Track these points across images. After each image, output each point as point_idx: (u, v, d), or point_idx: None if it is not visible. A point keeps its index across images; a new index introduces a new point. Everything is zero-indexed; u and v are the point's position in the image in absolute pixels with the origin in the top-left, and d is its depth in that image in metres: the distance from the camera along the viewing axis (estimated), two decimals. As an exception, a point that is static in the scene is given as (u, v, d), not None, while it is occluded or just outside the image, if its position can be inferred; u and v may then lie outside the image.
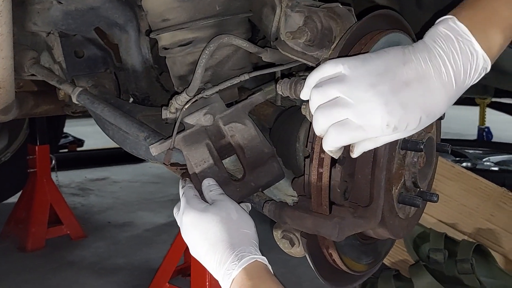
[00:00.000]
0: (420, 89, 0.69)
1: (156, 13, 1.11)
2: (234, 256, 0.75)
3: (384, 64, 0.70)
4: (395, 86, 0.69)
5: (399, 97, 0.68)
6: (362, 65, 0.70)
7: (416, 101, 0.68)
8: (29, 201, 3.19)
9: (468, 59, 0.69)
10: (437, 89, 0.69)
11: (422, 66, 0.69)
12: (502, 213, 2.29)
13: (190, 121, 1.00)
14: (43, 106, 1.71)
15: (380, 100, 0.68)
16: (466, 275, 2.06)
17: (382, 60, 0.70)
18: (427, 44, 0.71)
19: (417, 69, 0.69)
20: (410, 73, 0.69)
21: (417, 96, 0.69)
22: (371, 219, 0.88)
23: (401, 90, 0.69)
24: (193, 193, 0.89)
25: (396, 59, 0.70)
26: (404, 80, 0.69)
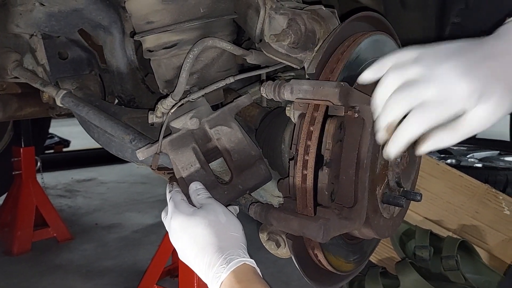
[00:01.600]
0: (504, 61, 0.65)
1: (140, 16, 1.11)
2: (222, 259, 0.76)
3: (459, 45, 0.68)
4: (476, 58, 0.66)
5: (482, 66, 0.65)
6: (436, 49, 0.69)
7: (500, 71, 0.65)
8: (14, 204, 3.14)
9: None
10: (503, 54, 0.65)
11: (503, 44, 0.66)
12: (487, 210, 2.33)
13: (176, 125, 1.00)
14: (27, 108, 1.70)
15: (461, 69, 0.65)
16: (451, 272, 2.09)
17: (456, 44, 0.68)
18: (500, 31, 0.68)
19: (497, 46, 0.66)
20: (490, 49, 0.67)
21: (501, 66, 0.65)
22: (355, 220, 0.89)
23: (483, 61, 0.65)
24: (181, 197, 0.89)
25: (471, 42, 0.68)
26: (484, 54, 0.66)
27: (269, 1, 1.07)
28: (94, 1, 1.26)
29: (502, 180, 2.71)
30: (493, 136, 5.84)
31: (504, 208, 2.29)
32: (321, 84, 0.83)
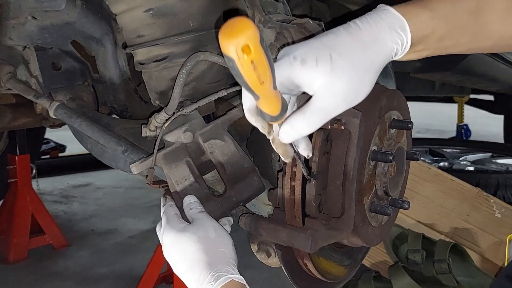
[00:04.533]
0: (324, 35, 0.69)
1: (131, 30, 1.12)
2: (211, 276, 0.77)
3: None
4: (302, 43, 0.69)
5: (302, 42, 0.69)
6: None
7: (320, 40, 0.68)
8: (10, 211, 3.15)
9: (379, 17, 0.70)
10: (344, 36, 0.68)
11: (332, 30, 0.70)
12: (478, 213, 2.35)
13: (170, 138, 1.02)
14: (22, 119, 1.70)
15: (284, 49, 0.69)
16: (443, 275, 2.12)
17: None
18: (358, 22, 0.71)
19: (326, 33, 0.70)
20: (318, 36, 0.70)
21: (320, 38, 0.68)
22: (343, 230, 0.91)
23: (307, 41, 0.69)
24: (173, 212, 0.91)
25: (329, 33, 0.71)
26: (310, 40, 0.69)
27: (257, 14, 1.09)
28: (86, 14, 1.27)
29: (493, 184, 2.74)
30: (488, 136, 5.90)
31: (495, 211, 2.32)
32: (307, 98, 0.85)
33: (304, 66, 0.66)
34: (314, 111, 0.67)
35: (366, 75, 0.68)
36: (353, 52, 0.67)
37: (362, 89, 0.68)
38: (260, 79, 0.59)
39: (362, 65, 0.67)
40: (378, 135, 0.98)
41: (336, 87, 0.65)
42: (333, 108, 0.67)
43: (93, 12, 1.28)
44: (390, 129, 1.03)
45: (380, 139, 1.00)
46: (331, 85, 0.65)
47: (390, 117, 1.02)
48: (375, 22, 0.69)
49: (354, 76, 0.66)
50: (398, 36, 0.70)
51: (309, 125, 0.68)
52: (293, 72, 0.66)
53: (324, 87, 0.66)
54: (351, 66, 0.66)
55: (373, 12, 0.71)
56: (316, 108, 0.67)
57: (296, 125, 0.67)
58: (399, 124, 1.03)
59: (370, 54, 0.68)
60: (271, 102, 0.64)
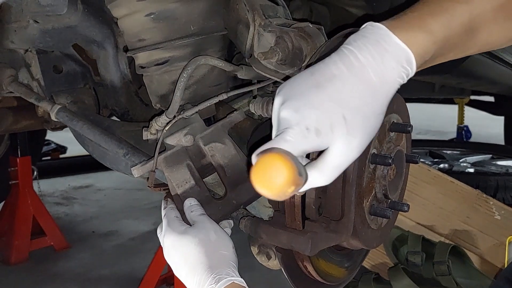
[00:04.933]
0: (331, 87, 0.62)
1: (132, 34, 1.13)
2: (212, 279, 0.78)
3: (292, 85, 0.66)
4: (304, 92, 0.63)
5: (310, 99, 0.62)
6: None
7: (330, 99, 0.62)
8: (11, 213, 3.16)
9: (383, 48, 0.63)
10: (352, 83, 0.62)
11: (332, 68, 0.64)
12: (478, 215, 2.36)
13: (171, 141, 1.02)
14: (23, 122, 1.72)
15: (291, 109, 0.63)
16: (443, 277, 2.12)
17: (290, 84, 0.66)
18: (339, 50, 0.66)
19: (326, 72, 0.64)
20: (318, 78, 0.64)
21: (329, 94, 0.62)
22: (342, 232, 0.92)
23: (310, 93, 0.63)
24: (174, 215, 0.91)
25: (304, 75, 0.66)
26: (311, 85, 0.63)
27: (258, 18, 1.10)
28: (88, 18, 1.28)
29: (493, 186, 2.75)
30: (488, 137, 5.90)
31: (495, 213, 2.32)
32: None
33: (319, 137, 0.62)
34: (331, 168, 0.64)
35: (378, 121, 0.65)
36: (366, 104, 0.63)
37: (374, 132, 0.66)
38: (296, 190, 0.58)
39: (374, 113, 0.64)
40: (378, 138, 0.99)
41: (352, 145, 0.63)
42: (349, 162, 0.65)
43: (94, 16, 1.29)
44: (390, 132, 1.03)
45: (380, 142, 1.00)
46: (347, 146, 0.63)
47: (389, 120, 1.03)
48: (381, 58, 0.63)
49: (369, 129, 0.64)
50: (405, 71, 0.65)
51: (327, 181, 0.66)
52: (309, 145, 0.62)
53: (339, 149, 0.63)
54: (366, 121, 0.63)
55: (375, 41, 0.64)
56: (332, 166, 0.64)
57: (313, 182, 0.65)
58: (398, 127, 1.03)
59: (382, 99, 0.64)
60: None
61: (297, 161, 0.56)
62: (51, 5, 1.14)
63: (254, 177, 0.52)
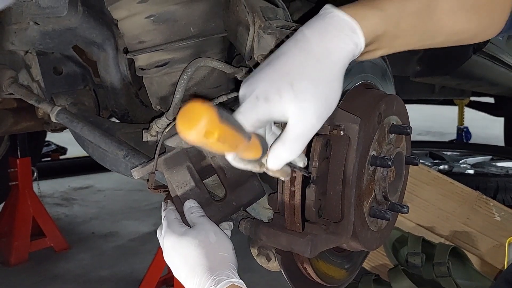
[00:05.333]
0: (279, 62, 0.67)
1: (132, 36, 1.13)
2: (211, 280, 0.78)
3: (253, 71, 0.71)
4: (256, 72, 0.69)
5: (259, 75, 0.68)
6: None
7: (276, 71, 0.67)
8: (11, 214, 3.16)
9: (327, 22, 0.68)
10: (297, 55, 0.67)
11: (282, 48, 0.69)
12: (478, 216, 2.36)
13: (171, 143, 1.02)
14: (23, 123, 1.72)
15: (244, 86, 0.69)
16: (443, 278, 2.12)
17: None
18: (303, 28, 0.71)
19: (277, 52, 0.69)
20: (269, 58, 0.69)
21: (276, 67, 0.67)
22: (342, 234, 0.92)
23: (261, 69, 0.68)
24: (174, 216, 0.91)
25: (263, 61, 0.72)
26: (264, 65, 0.69)
27: (258, 20, 1.10)
28: (88, 20, 1.28)
29: (493, 187, 2.75)
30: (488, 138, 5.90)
31: (495, 214, 2.32)
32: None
33: (269, 104, 0.65)
34: (293, 139, 0.67)
35: (330, 87, 0.68)
36: (311, 70, 0.66)
37: (331, 101, 0.68)
38: (232, 145, 0.60)
39: (323, 79, 0.67)
40: (377, 140, 0.99)
41: (305, 111, 0.66)
42: (310, 130, 0.68)
43: (94, 18, 1.30)
44: (389, 134, 1.03)
45: (379, 144, 1.00)
46: (300, 111, 0.66)
47: (389, 122, 1.03)
48: (324, 31, 0.68)
49: (319, 93, 0.66)
50: (351, 40, 0.69)
51: (292, 153, 0.69)
52: (260, 113, 0.66)
53: (294, 115, 0.66)
54: (313, 85, 0.66)
55: (320, 18, 0.70)
56: (293, 136, 0.67)
57: (280, 155, 0.69)
58: (398, 129, 1.04)
59: (328, 65, 0.68)
60: (250, 151, 0.66)
61: (221, 110, 0.58)
62: (52, 7, 1.14)
63: (178, 123, 0.55)
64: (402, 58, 2.25)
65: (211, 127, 0.54)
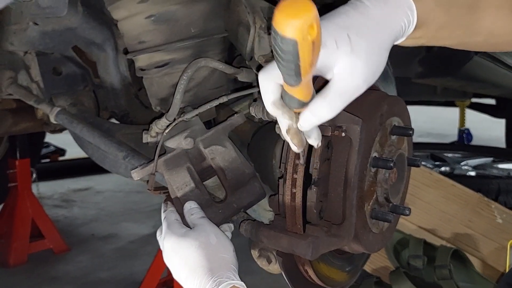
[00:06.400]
0: (337, 18, 0.67)
1: (132, 36, 1.12)
2: (212, 282, 0.77)
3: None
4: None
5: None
6: None
7: (335, 23, 0.66)
8: (10, 215, 3.15)
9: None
10: (356, 17, 0.67)
11: (339, 9, 0.69)
12: (480, 219, 2.35)
13: (171, 144, 1.02)
14: (22, 124, 1.71)
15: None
16: (444, 281, 2.11)
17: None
18: None
19: (334, 12, 0.69)
20: (327, 15, 0.69)
21: (334, 21, 0.66)
22: (344, 236, 0.91)
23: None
24: (174, 218, 0.91)
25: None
26: (323, 18, 0.68)
27: (258, 20, 1.09)
28: (87, 20, 1.28)
29: (494, 189, 2.74)
30: (490, 140, 5.89)
31: (497, 216, 2.31)
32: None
33: (325, 50, 0.63)
34: (337, 94, 0.65)
35: (381, 54, 0.68)
36: (369, 31, 0.66)
37: (378, 69, 0.68)
38: (312, 62, 0.57)
39: (377, 44, 0.67)
40: (379, 142, 0.98)
41: (357, 68, 0.64)
42: (355, 90, 0.66)
43: (94, 18, 1.29)
44: (391, 136, 1.02)
45: (381, 145, 0.99)
46: (352, 66, 0.64)
47: (391, 124, 1.02)
48: (384, 3, 0.69)
49: (372, 55, 0.66)
50: (406, 16, 0.69)
51: (332, 110, 0.66)
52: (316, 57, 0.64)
53: (346, 68, 0.64)
54: (369, 45, 0.66)
55: None
56: (338, 91, 0.65)
57: (318, 111, 0.65)
58: (400, 131, 1.03)
59: (383, 33, 0.68)
60: (308, 87, 0.63)
61: None
62: (51, 7, 1.13)
63: (280, 11, 0.51)
64: (404, 60, 2.24)
65: (316, 24, 0.52)
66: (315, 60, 0.58)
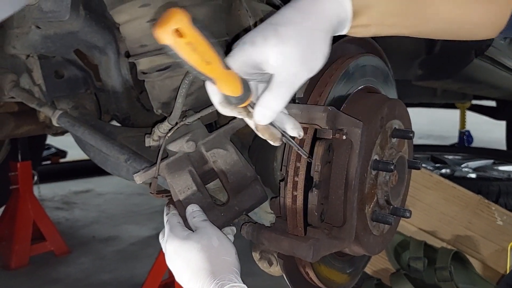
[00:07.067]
0: (267, 17, 0.72)
1: (133, 39, 1.13)
2: (214, 284, 0.77)
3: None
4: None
5: (251, 31, 0.72)
6: None
7: (266, 21, 0.71)
8: (11, 218, 3.15)
9: None
10: (284, 9, 0.71)
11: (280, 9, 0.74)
12: (480, 221, 2.35)
13: (173, 148, 1.02)
14: (25, 127, 1.72)
15: (238, 41, 0.72)
16: (445, 283, 2.11)
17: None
18: None
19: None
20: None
21: (267, 19, 0.71)
22: (345, 239, 0.91)
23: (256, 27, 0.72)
24: (177, 220, 0.91)
25: None
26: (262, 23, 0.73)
27: (260, 24, 1.10)
28: (89, 24, 1.28)
29: (495, 191, 2.74)
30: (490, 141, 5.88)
31: (497, 218, 2.32)
32: (309, 109, 0.86)
33: (254, 46, 0.68)
34: (278, 83, 0.69)
35: (314, 40, 0.70)
36: (296, 21, 0.70)
37: (316, 54, 0.70)
38: (204, 59, 0.61)
39: (307, 31, 0.70)
40: (380, 145, 0.99)
41: (288, 54, 0.68)
42: (295, 75, 0.70)
43: (96, 22, 1.29)
44: (392, 139, 1.03)
45: (382, 148, 1.00)
46: (283, 54, 0.68)
47: (391, 127, 1.03)
48: None
49: (302, 41, 0.69)
50: (338, 2, 0.71)
51: (280, 99, 0.70)
52: (245, 55, 0.69)
53: (278, 58, 0.68)
54: (297, 32, 0.69)
55: None
56: (279, 81, 0.69)
57: (266, 103, 0.70)
58: (400, 134, 1.03)
59: (313, 18, 0.71)
60: (228, 82, 0.67)
61: (201, 25, 0.61)
62: (54, 11, 1.14)
63: (154, 25, 0.59)
64: (404, 62, 2.25)
65: (182, 25, 0.57)
66: (210, 58, 0.62)
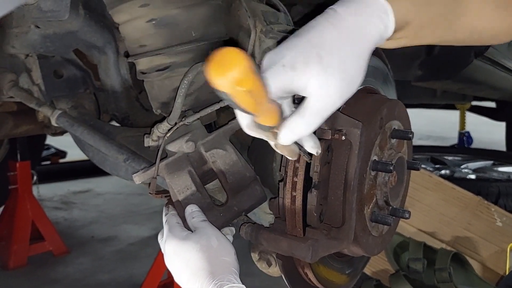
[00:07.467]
0: (308, 34, 0.67)
1: (133, 39, 1.13)
2: (213, 285, 0.77)
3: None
4: (283, 43, 0.68)
5: (287, 44, 0.67)
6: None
7: (305, 41, 0.66)
8: (10, 218, 3.15)
9: (360, 1, 0.68)
10: (329, 30, 0.66)
11: (312, 23, 0.69)
12: (479, 222, 2.35)
13: (172, 148, 1.02)
14: (23, 126, 1.71)
15: (271, 53, 0.68)
16: (444, 284, 2.11)
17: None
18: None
19: (306, 26, 0.69)
20: (298, 31, 0.68)
21: (306, 38, 0.66)
22: (343, 240, 0.91)
23: (289, 40, 0.67)
24: (176, 221, 0.91)
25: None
26: (292, 36, 0.69)
27: (259, 24, 1.10)
28: (89, 24, 1.28)
29: (494, 192, 2.74)
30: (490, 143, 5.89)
31: (496, 219, 2.32)
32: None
33: (295, 72, 0.65)
34: (312, 113, 0.67)
35: (356, 66, 0.67)
36: (341, 46, 0.66)
37: (355, 81, 0.68)
38: (257, 102, 0.58)
39: (351, 57, 0.67)
40: (379, 145, 0.99)
41: (330, 86, 0.65)
42: (330, 106, 0.67)
43: (95, 21, 1.29)
44: (391, 139, 1.03)
45: (381, 149, 1.00)
46: (325, 85, 0.65)
47: (390, 127, 1.02)
48: (357, 9, 0.68)
49: (346, 71, 0.66)
50: (382, 22, 0.68)
51: (308, 127, 0.68)
52: (285, 81, 0.65)
53: (318, 88, 0.65)
54: (341, 61, 0.66)
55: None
56: (313, 110, 0.67)
57: (295, 129, 0.68)
58: (399, 134, 1.03)
59: (358, 44, 0.67)
60: (269, 116, 0.65)
61: (254, 61, 0.56)
62: (53, 11, 1.13)
63: (209, 68, 0.52)
64: (403, 63, 2.25)
65: (246, 76, 0.52)
66: (262, 99, 0.59)
